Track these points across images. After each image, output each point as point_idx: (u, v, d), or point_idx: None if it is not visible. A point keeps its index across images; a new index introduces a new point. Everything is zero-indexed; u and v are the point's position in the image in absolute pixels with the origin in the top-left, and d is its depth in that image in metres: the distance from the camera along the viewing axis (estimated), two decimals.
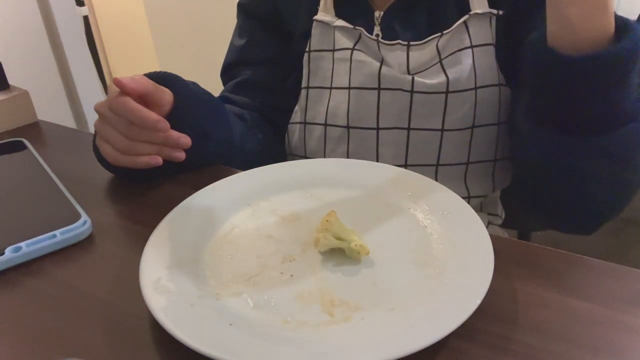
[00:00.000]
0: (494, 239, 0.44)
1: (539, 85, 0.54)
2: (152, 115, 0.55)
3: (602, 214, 0.59)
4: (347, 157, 0.72)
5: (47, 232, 0.50)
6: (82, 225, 0.52)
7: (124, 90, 0.55)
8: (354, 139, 0.70)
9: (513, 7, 0.64)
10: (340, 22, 0.69)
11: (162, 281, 0.42)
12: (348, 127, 0.70)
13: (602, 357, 0.36)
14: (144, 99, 0.57)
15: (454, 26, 0.64)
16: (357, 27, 0.68)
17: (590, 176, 0.54)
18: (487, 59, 0.65)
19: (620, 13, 0.50)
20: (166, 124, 0.55)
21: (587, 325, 0.38)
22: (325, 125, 0.72)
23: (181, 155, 0.59)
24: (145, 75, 0.61)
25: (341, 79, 0.70)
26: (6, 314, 0.44)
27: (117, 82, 0.55)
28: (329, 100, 0.72)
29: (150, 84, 0.57)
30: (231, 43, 0.82)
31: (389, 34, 0.68)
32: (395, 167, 0.57)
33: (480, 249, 0.43)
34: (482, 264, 0.41)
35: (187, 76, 0.64)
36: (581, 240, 1.57)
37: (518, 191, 0.68)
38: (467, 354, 0.37)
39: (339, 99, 0.70)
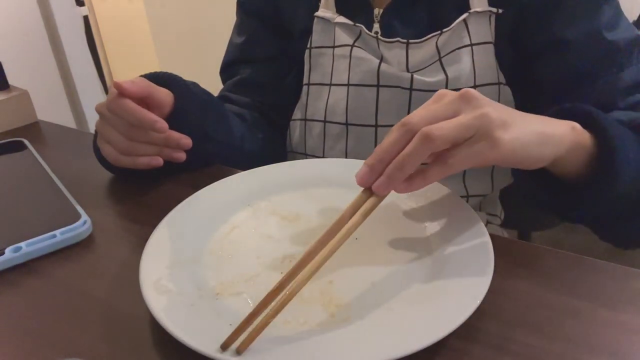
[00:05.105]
0: (494, 239, 0.44)
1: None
2: (150, 116, 0.55)
3: None
4: (346, 155, 0.72)
5: (47, 232, 0.50)
6: (82, 225, 0.52)
7: (122, 93, 0.55)
8: (353, 136, 0.70)
9: (516, 8, 0.63)
10: (341, 19, 0.69)
11: (162, 281, 0.42)
12: (347, 123, 0.70)
13: (602, 357, 0.36)
14: (144, 101, 0.57)
15: (453, 24, 0.64)
16: (357, 24, 0.68)
17: None
18: (487, 57, 0.65)
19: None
20: (164, 125, 0.55)
21: (587, 325, 0.38)
22: (325, 122, 0.72)
23: (182, 156, 0.59)
24: (145, 75, 0.61)
25: (340, 76, 0.70)
26: (6, 314, 0.44)
27: (116, 85, 0.55)
28: (328, 97, 0.72)
29: (149, 86, 0.57)
30: (230, 41, 0.82)
31: (389, 31, 0.68)
32: None
33: (480, 249, 0.43)
34: (482, 264, 0.41)
35: (187, 76, 0.64)
36: (581, 240, 1.56)
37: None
38: (467, 354, 0.37)
39: (338, 95, 0.70)
